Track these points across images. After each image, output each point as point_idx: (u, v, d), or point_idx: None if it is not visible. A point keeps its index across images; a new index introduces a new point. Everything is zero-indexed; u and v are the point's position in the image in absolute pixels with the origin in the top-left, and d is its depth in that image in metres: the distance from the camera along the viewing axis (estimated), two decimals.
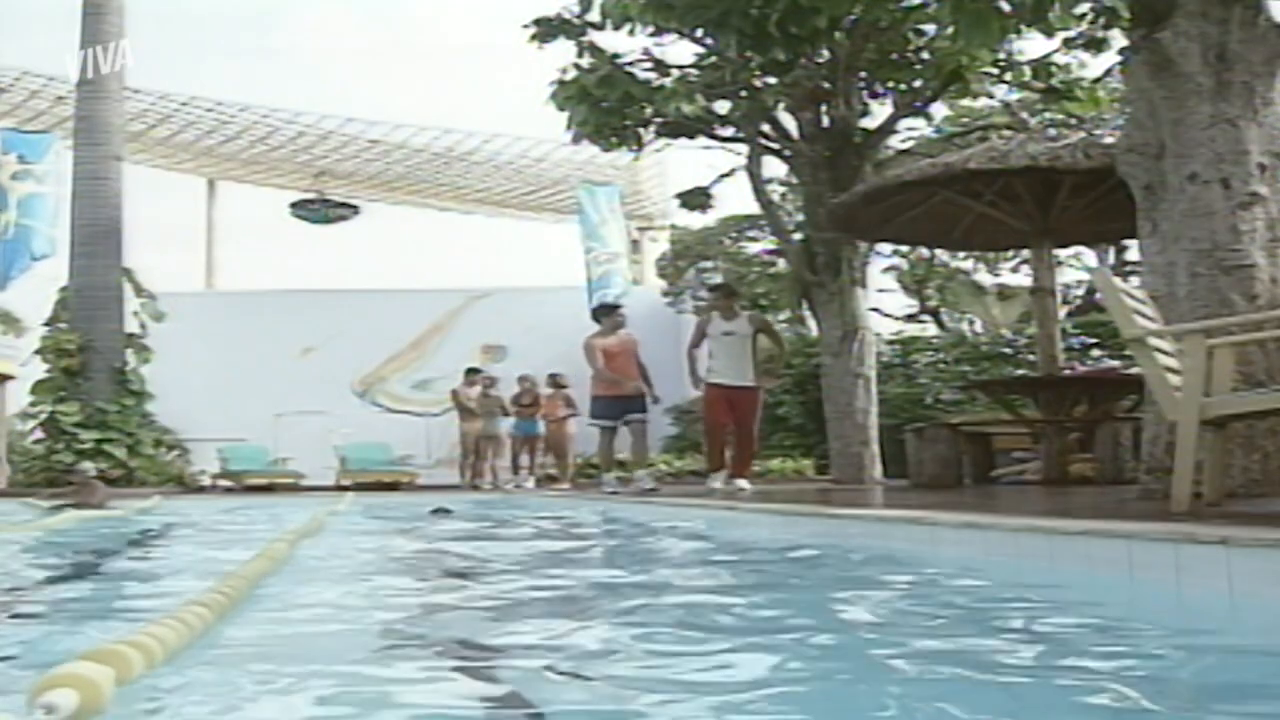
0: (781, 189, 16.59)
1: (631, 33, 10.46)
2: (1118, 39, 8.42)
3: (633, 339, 9.55)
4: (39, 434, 15.11)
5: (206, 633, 1.93)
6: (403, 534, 6.07)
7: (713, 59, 10.97)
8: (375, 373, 21.71)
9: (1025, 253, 13.42)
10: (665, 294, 20.16)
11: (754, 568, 3.68)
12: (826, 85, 11.12)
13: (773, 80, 10.87)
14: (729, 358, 8.37)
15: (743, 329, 8.49)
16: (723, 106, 11.53)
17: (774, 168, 12.90)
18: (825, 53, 10.84)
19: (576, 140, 11.21)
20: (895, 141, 13.18)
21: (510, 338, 20.36)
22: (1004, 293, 21.08)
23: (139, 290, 16.20)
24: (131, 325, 15.95)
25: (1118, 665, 1.83)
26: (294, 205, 26.00)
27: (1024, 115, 13.37)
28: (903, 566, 3.28)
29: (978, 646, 2.04)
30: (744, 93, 11.06)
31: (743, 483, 8.36)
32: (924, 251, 19.64)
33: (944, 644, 2.04)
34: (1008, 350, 16.43)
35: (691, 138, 11.77)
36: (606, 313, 9.79)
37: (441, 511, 8.05)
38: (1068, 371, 10.28)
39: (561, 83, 10.76)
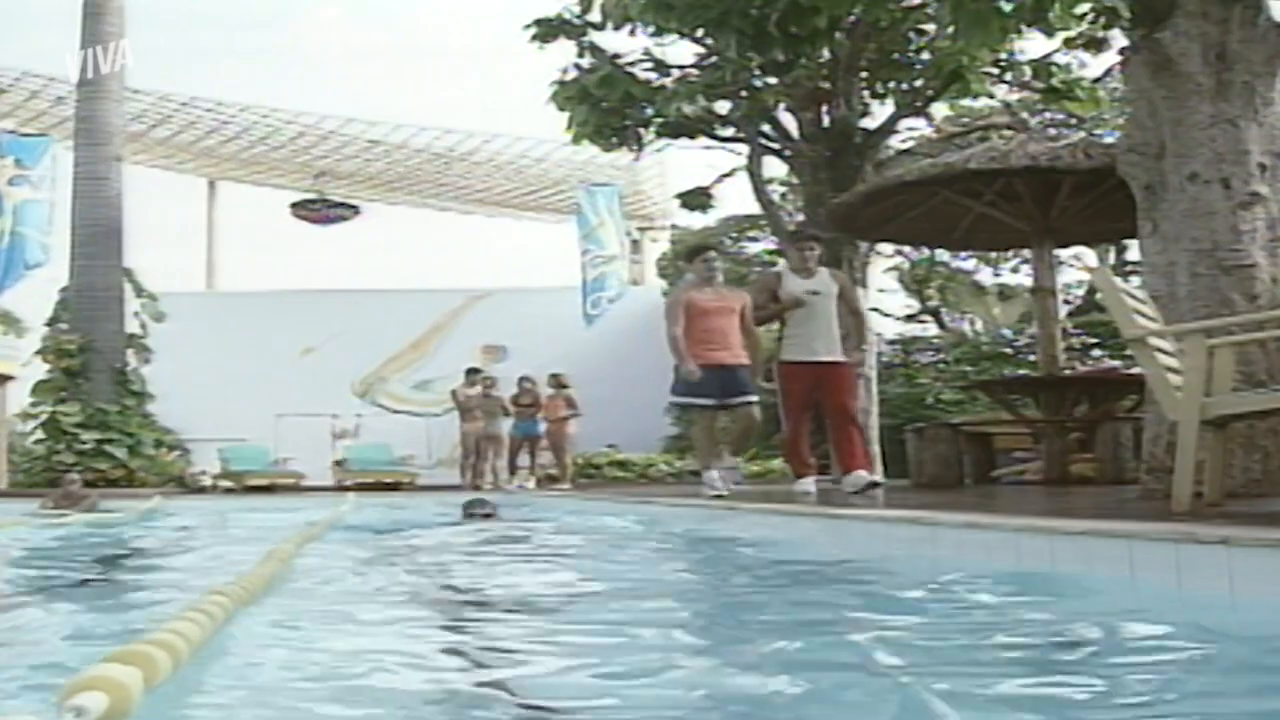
0: (782, 189, 16.60)
1: (632, 33, 10.47)
2: (1118, 39, 8.42)
3: (739, 296, 6.87)
4: (40, 435, 15.11)
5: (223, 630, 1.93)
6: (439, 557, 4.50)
7: (713, 59, 10.98)
8: (375, 373, 21.70)
9: (1026, 253, 13.42)
10: (666, 294, 20.15)
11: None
12: (827, 85, 11.13)
13: (773, 80, 10.88)
14: (812, 325, 6.61)
15: (827, 287, 6.71)
16: (723, 107, 11.54)
17: (774, 168, 12.91)
18: (825, 53, 10.84)
19: (576, 140, 11.22)
20: (895, 141, 13.19)
21: (510, 338, 20.36)
22: (1005, 293, 21.10)
23: (139, 291, 16.21)
24: (132, 326, 15.96)
25: (1118, 665, 1.83)
26: (294, 205, 26.01)
27: (1024, 115, 13.38)
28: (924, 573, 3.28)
29: (979, 645, 2.04)
30: (744, 93, 11.07)
31: (864, 475, 6.49)
32: (924, 251, 19.64)
33: (941, 642, 2.04)
34: (1008, 350, 16.44)
35: (692, 138, 11.78)
36: (694, 255, 7.07)
37: (477, 509, 6.89)
38: (1068, 371, 10.29)
39: (562, 83, 10.77)
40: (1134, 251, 16.22)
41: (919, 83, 11.36)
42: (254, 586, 2.42)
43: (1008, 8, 5.99)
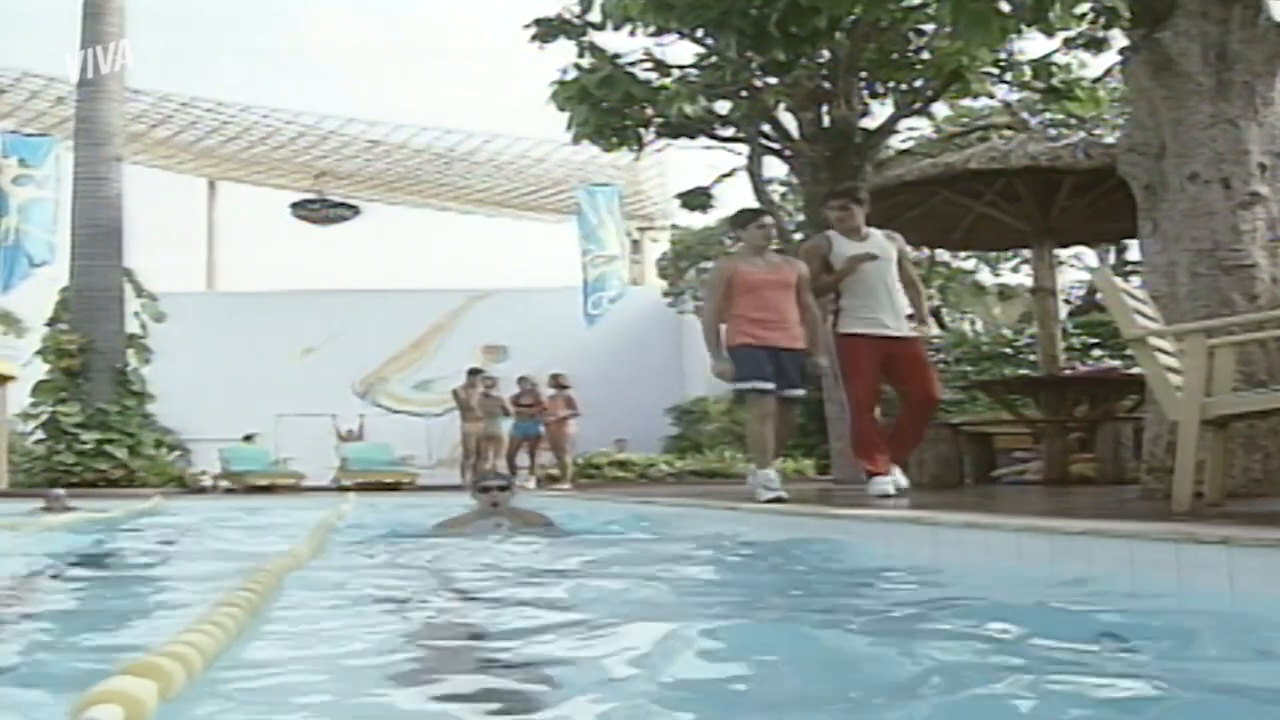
0: (782, 189, 16.60)
1: (632, 33, 10.46)
2: (1118, 39, 8.41)
3: (794, 266, 5.83)
4: (40, 435, 15.11)
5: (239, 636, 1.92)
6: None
7: (713, 59, 10.96)
8: (376, 373, 21.73)
9: (1026, 253, 13.42)
10: (666, 294, 20.17)
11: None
12: (827, 85, 11.12)
13: (773, 80, 10.87)
14: (874, 294, 5.70)
15: (884, 250, 5.81)
16: (723, 107, 11.53)
17: (774, 168, 12.91)
18: (825, 53, 10.83)
19: (577, 140, 11.21)
20: (895, 141, 13.19)
21: (511, 338, 20.39)
22: (1005, 293, 21.10)
23: (140, 291, 16.21)
24: (132, 326, 15.96)
25: (1118, 665, 1.84)
26: (294, 205, 26.03)
27: (1024, 115, 13.38)
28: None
29: (976, 647, 2.04)
30: (744, 93, 11.06)
31: (899, 478, 5.66)
32: (926, 251, 19.64)
33: (939, 640, 2.04)
34: (1008, 350, 16.44)
35: (692, 138, 11.77)
36: (748, 220, 5.95)
37: (492, 481, 5.61)
38: (1068, 371, 10.28)
39: (562, 83, 10.76)
40: (1134, 251, 16.22)
41: (919, 83, 11.35)
42: (266, 595, 2.41)
43: (1007, 8, 5.99)
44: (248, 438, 16.51)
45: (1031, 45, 11.06)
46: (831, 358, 5.94)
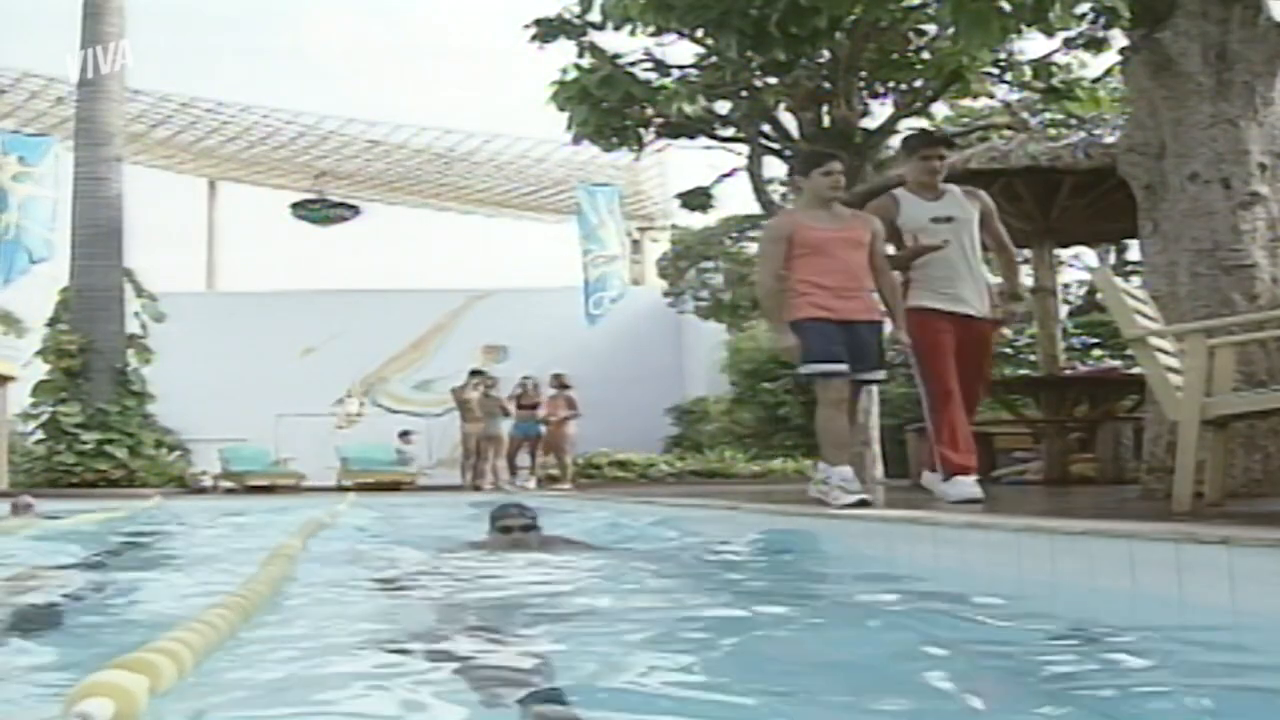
0: (782, 189, 16.59)
1: (632, 33, 10.45)
2: (1118, 39, 8.41)
3: (866, 221, 4.88)
4: (40, 435, 15.11)
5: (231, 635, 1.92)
6: None
7: (713, 59, 10.96)
8: (376, 373, 21.74)
9: (1026, 252, 13.41)
10: (666, 294, 20.17)
11: None
12: (827, 85, 11.12)
13: (773, 80, 10.87)
14: (950, 262, 4.89)
15: (963, 210, 5.00)
16: (723, 107, 11.53)
17: (775, 168, 12.89)
18: (825, 53, 10.83)
19: (577, 140, 11.21)
20: (895, 141, 13.16)
21: (511, 338, 20.39)
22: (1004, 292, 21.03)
23: (140, 291, 16.22)
24: (132, 326, 15.97)
25: (1118, 665, 1.84)
26: (294, 205, 26.03)
27: (1024, 115, 13.36)
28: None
29: (976, 647, 2.05)
30: (744, 93, 11.06)
31: (971, 486, 4.70)
32: None
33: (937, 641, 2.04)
34: (1008, 350, 16.42)
35: (692, 138, 11.77)
36: (812, 164, 4.91)
37: (513, 520, 4.33)
38: (1069, 371, 10.28)
39: (562, 83, 10.75)
40: (1134, 251, 16.21)
41: (919, 83, 11.35)
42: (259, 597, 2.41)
43: (1007, 8, 5.99)
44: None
45: (1031, 45, 11.06)
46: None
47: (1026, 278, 9.03)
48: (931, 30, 10.75)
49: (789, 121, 11.61)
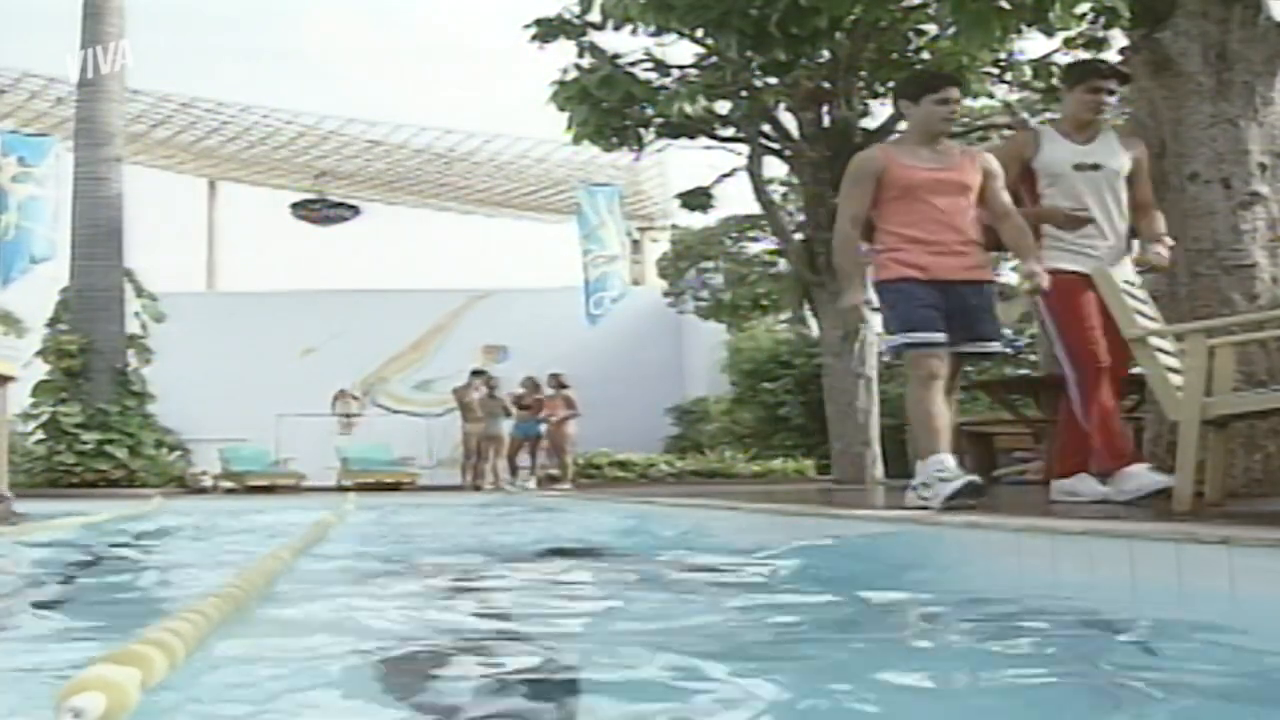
0: (782, 189, 16.59)
1: (633, 33, 10.46)
2: (1118, 39, 8.42)
3: (976, 160, 4.18)
4: (41, 435, 15.11)
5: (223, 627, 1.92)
6: None
7: (713, 59, 10.97)
8: (376, 373, 21.75)
9: None
10: (666, 294, 20.18)
11: None
12: (827, 85, 11.13)
13: (773, 80, 10.87)
14: (1096, 218, 4.26)
15: (1114, 158, 4.32)
16: (723, 107, 11.53)
17: (775, 168, 12.90)
18: (826, 53, 10.84)
19: (577, 141, 11.21)
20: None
21: (511, 338, 20.41)
22: (1005, 293, 21.06)
23: (140, 291, 16.22)
24: (133, 326, 15.96)
25: (1118, 665, 1.84)
26: (294, 206, 26.04)
27: (1024, 115, 13.36)
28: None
29: (977, 646, 2.05)
30: (744, 93, 11.07)
31: (1149, 473, 3.99)
32: None
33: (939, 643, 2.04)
34: (1008, 350, 16.43)
35: (692, 138, 11.77)
36: (923, 90, 4.17)
37: None
38: None
39: (562, 83, 10.76)
40: (1134, 251, 16.17)
41: None
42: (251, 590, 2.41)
43: (1008, 7, 5.99)
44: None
45: (1031, 45, 11.06)
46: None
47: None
48: (932, 30, 10.75)
49: (789, 121, 11.62)
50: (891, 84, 11.57)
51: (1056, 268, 4.15)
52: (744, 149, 11.96)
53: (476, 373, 15.11)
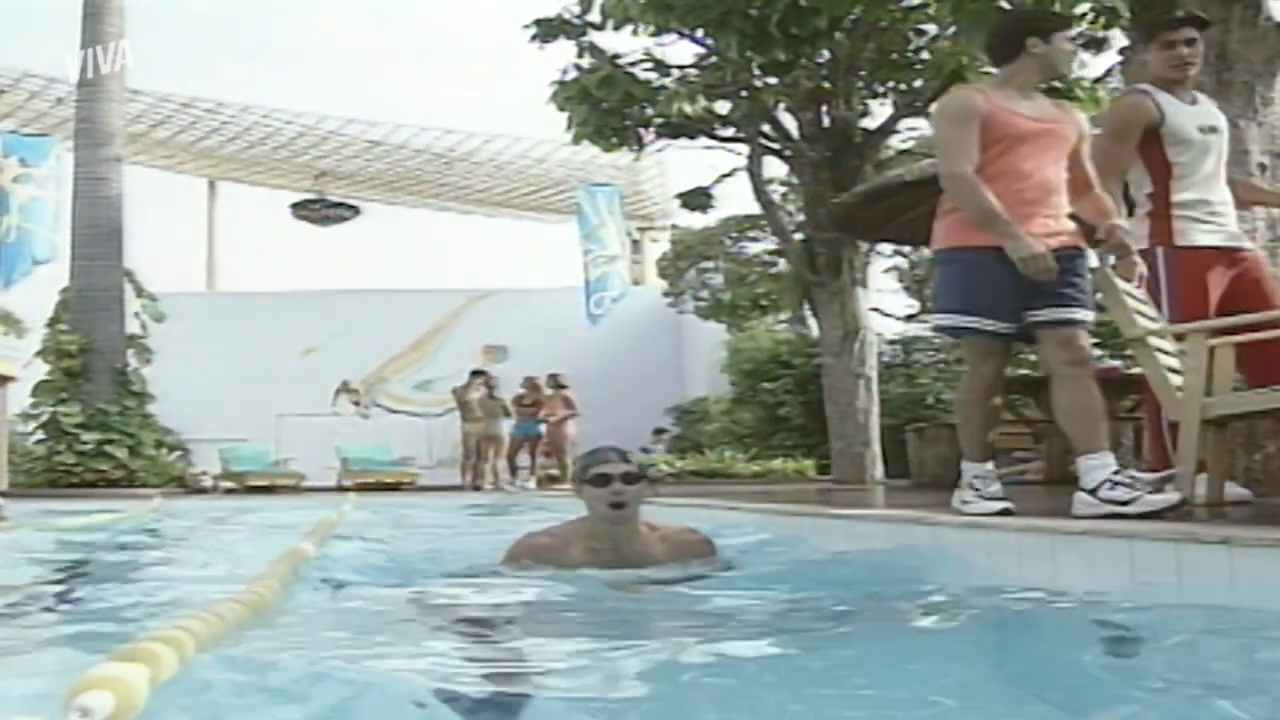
0: (782, 189, 16.59)
1: (633, 33, 10.47)
2: (1118, 39, 8.42)
3: (1072, 116, 3.61)
4: (40, 435, 15.11)
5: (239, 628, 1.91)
6: None
7: (713, 59, 10.98)
8: (376, 373, 21.74)
9: None
10: (666, 294, 20.18)
11: None
12: (827, 85, 11.14)
13: (773, 80, 10.88)
14: (1209, 182, 3.86)
15: (1220, 120, 3.94)
16: (723, 107, 11.54)
17: (774, 168, 12.91)
18: (825, 53, 10.85)
19: (577, 141, 11.22)
20: (895, 141, 13.18)
21: (511, 338, 20.40)
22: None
23: (140, 291, 16.21)
24: (133, 326, 15.95)
25: (1118, 665, 1.84)
26: (294, 206, 26.05)
27: None
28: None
29: (975, 648, 2.05)
30: (744, 93, 11.08)
31: (1239, 489, 3.79)
32: (925, 251, 19.63)
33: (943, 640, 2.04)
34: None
35: (692, 138, 11.78)
36: (1042, 26, 3.50)
37: None
38: None
39: (562, 83, 10.77)
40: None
41: (919, 83, 11.35)
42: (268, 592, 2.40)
43: (1008, 8, 6.00)
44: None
45: None
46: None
47: None
48: (932, 30, 10.76)
49: (789, 121, 11.63)
50: (891, 84, 11.59)
51: (1185, 243, 3.75)
52: (744, 149, 11.97)
53: (476, 373, 15.11)
